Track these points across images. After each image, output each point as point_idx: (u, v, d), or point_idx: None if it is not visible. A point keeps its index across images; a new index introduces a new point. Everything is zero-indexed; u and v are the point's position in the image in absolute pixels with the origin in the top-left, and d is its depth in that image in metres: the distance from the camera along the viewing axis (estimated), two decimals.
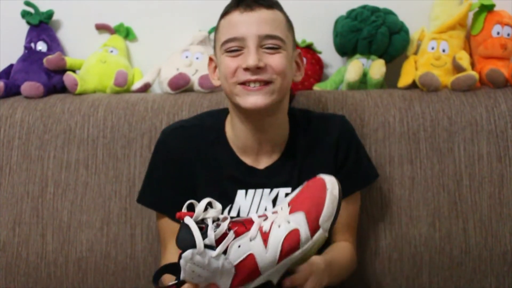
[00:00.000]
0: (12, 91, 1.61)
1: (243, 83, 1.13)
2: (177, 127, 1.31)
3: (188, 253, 0.89)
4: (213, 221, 0.92)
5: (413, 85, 1.55)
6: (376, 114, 1.47)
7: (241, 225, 0.94)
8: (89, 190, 1.47)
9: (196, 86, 1.57)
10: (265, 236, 0.93)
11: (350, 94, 1.52)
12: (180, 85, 1.56)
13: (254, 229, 0.93)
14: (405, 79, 1.57)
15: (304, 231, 0.93)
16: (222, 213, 1.03)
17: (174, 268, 0.94)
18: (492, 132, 1.45)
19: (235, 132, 1.23)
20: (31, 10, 1.69)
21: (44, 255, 1.46)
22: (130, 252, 1.44)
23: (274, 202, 1.22)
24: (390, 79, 1.62)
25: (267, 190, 1.22)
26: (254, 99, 1.13)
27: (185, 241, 0.90)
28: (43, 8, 1.70)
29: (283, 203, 0.98)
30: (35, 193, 1.49)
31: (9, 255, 1.47)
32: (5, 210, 1.48)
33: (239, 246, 0.92)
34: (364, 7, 1.61)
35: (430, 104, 1.48)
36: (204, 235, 0.90)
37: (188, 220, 0.91)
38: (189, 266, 0.90)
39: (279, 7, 1.19)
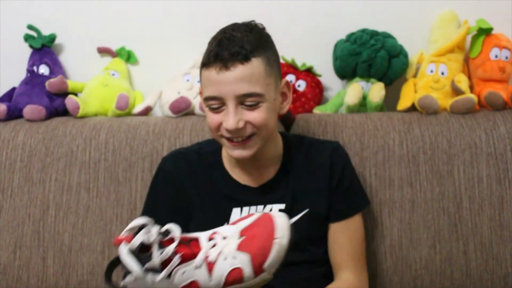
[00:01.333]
0: (14, 114, 1.62)
1: (227, 138, 1.18)
2: (175, 153, 1.37)
3: (129, 278, 0.89)
4: (161, 242, 0.91)
5: (413, 108, 1.56)
6: (376, 137, 1.48)
7: (188, 248, 0.93)
8: (90, 213, 1.48)
9: (197, 110, 1.58)
10: (210, 266, 0.92)
11: (350, 117, 1.53)
12: (182, 108, 1.57)
13: (200, 258, 0.92)
14: (404, 102, 1.58)
15: (248, 271, 0.92)
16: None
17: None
18: (491, 155, 1.45)
19: (231, 157, 1.27)
20: (34, 34, 1.71)
21: (45, 278, 1.46)
22: None
23: None
24: (390, 102, 1.63)
25: (260, 207, 1.25)
26: (239, 152, 1.19)
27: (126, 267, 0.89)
28: (45, 31, 1.72)
29: (236, 229, 0.96)
30: (37, 216, 1.49)
31: (10, 278, 1.47)
32: (6, 232, 1.49)
33: (183, 273, 0.91)
34: (364, 30, 1.63)
35: (429, 127, 1.49)
36: (148, 258, 0.89)
37: (122, 249, 0.89)
38: None
39: (257, 52, 1.14)
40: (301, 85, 1.65)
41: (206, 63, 1.16)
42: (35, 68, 1.70)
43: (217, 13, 1.70)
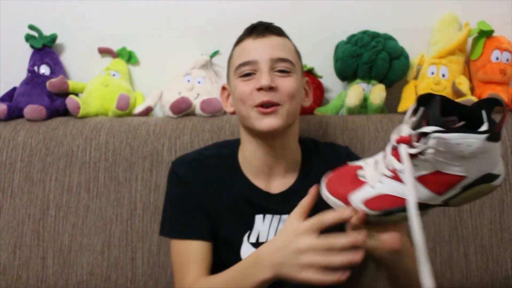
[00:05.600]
0: (15, 113, 1.62)
1: (259, 106, 1.15)
2: (190, 160, 1.29)
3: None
4: None
5: None
6: (377, 139, 1.48)
7: None
8: (90, 213, 1.48)
9: (198, 110, 1.58)
10: None
11: (351, 118, 1.53)
12: (182, 109, 1.57)
13: None
14: (405, 104, 1.58)
15: None
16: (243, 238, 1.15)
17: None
18: None
19: (247, 157, 1.24)
20: (35, 33, 1.71)
21: (44, 278, 1.46)
22: (131, 276, 1.44)
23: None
24: (391, 104, 1.63)
25: (285, 216, 1.21)
26: (268, 122, 1.15)
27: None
28: (46, 32, 1.72)
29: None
30: (36, 216, 1.49)
31: (9, 278, 1.47)
32: (6, 232, 1.48)
33: None
34: (365, 32, 1.63)
35: None
36: None
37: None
38: None
39: (288, 37, 1.25)
40: None
41: (240, 40, 1.23)
42: (36, 68, 1.70)
43: (218, 14, 1.70)
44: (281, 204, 1.22)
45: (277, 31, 1.22)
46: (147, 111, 1.65)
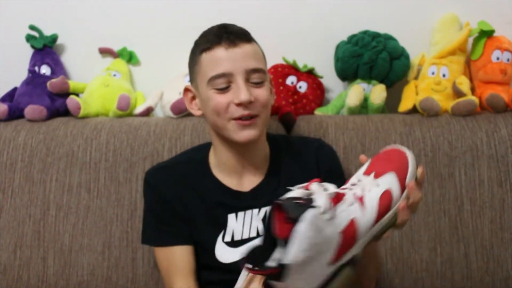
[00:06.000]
0: (16, 114, 1.62)
1: (237, 119, 1.17)
2: (160, 167, 1.34)
3: (312, 212, 0.83)
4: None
5: (414, 110, 1.56)
6: (377, 139, 1.48)
7: (334, 198, 0.90)
8: (90, 213, 1.48)
9: None
10: (361, 200, 0.91)
11: (351, 118, 1.53)
12: (183, 109, 1.57)
13: (349, 194, 0.91)
14: (405, 104, 1.58)
15: (395, 190, 0.92)
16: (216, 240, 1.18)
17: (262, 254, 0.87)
18: (492, 157, 1.46)
19: (219, 159, 1.27)
20: (36, 34, 1.71)
21: (45, 278, 1.46)
22: (132, 276, 1.44)
23: (264, 221, 1.24)
24: (391, 104, 1.63)
25: (255, 211, 1.25)
26: (247, 133, 1.17)
27: (301, 206, 0.84)
28: (47, 32, 1.72)
29: (358, 176, 0.96)
30: (37, 216, 1.49)
31: (10, 278, 1.47)
32: (6, 232, 1.48)
33: (341, 211, 0.89)
34: (365, 32, 1.63)
35: (430, 129, 1.49)
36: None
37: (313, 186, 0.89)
38: (308, 230, 0.82)
39: (254, 40, 1.23)
40: (303, 87, 1.65)
41: (208, 47, 1.18)
42: (36, 68, 1.70)
43: (219, 14, 1.69)
44: (252, 200, 1.25)
45: (247, 38, 1.20)
46: (148, 112, 1.65)
